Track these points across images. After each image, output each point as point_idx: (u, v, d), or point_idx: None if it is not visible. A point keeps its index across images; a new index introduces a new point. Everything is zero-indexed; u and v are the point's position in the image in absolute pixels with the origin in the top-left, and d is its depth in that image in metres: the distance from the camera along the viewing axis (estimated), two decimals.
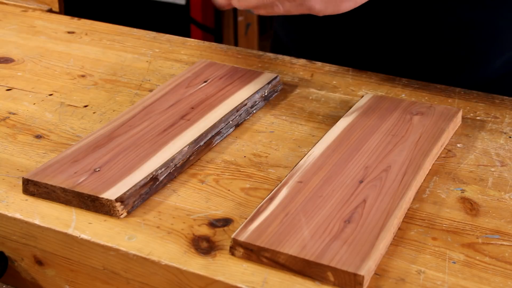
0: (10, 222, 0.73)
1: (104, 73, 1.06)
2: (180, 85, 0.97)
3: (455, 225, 0.73)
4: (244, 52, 1.13)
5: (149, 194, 0.77)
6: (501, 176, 0.81)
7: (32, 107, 0.95)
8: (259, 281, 0.65)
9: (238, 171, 0.82)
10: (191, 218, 0.73)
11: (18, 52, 1.12)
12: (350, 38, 1.11)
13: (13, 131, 0.89)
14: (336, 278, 0.64)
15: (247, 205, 0.76)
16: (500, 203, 0.77)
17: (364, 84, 1.03)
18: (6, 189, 0.77)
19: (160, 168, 0.78)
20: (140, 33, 1.21)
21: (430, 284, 0.65)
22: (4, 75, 1.04)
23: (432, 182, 0.80)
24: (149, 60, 1.10)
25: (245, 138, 0.89)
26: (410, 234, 0.72)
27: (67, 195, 0.74)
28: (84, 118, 0.93)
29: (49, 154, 0.84)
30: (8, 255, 0.75)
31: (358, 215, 0.70)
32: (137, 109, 0.90)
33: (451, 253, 0.69)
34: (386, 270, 0.67)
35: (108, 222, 0.72)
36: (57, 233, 0.71)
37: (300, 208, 0.72)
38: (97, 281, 0.72)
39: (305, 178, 0.77)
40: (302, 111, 0.95)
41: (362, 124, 0.88)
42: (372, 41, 1.11)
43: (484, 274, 0.67)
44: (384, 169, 0.78)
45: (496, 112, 0.96)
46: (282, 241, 0.67)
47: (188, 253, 0.68)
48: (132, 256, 0.68)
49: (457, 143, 0.88)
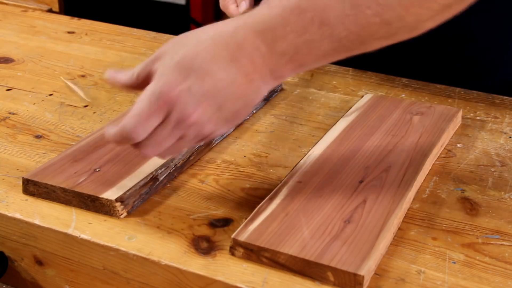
0: (10, 222, 0.73)
1: (104, 73, 1.06)
2: None
3: (455, 225, 0.73)
4: None
5: (149, 194, 0.77)
6: (501, 176, 0.81)
7: (32, 107, 0.95)
8: (259, 281, 0.65)
9: (238, 171, 0.82)
10: (191, 218, 0.73)
11: (18, 52, 1.12)
12: None
13: (13, 131, 0.89)
14: (336, 278, 0.64)
15: (247, 205, 0.76)
16: (500, 203, 0.77)
17: (364, 84, 1.03)
18: (6, 189, 0.77)
19: (160, 168, 0.78)
20: (140, 33, 1.21)
21: (430, 284, 0.65)
22: (4, 75, 1.04)
23: (432, 182, 0.80)
24: None
25: (245, 138, 0.89)
26: (410, 234, 0.72)
27: (67, 195, 0.74)
28: (84, 118, 0.93)
29: (49, 154, 0.84)
30: (8, 255, 0.75)
31: (358, 215, 0.70)
32: None
33: (451, 253, 0.69)
34: (386, 270, 0.67)
35: (108, 222, 0.72)
36: (57, 233, 0.71)
37: (300, 208, 0.72)
38: (97, 281, 0.72)
39: (305, 178, 0.76)
40: (302, 111, 0.95)
41: (362, 124, 0.88)
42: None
43: (484, 274, 0.66)
44: (384, 169, 0.78)
45: (496, 112, 0.96)
46: (282, 241, 0.67)
47: (188, 253, 0.68)
48: (132, 256, 0.68)
49: (457, 143, 0.88)
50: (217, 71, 0.67)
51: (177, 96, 0.66)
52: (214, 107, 0.68)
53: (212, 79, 0.67)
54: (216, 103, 0.68)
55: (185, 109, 0.67)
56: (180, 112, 0.67)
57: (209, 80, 0.67)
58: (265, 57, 0.68)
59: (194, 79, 0.67)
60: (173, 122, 0.67)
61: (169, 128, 0.68)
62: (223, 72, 0.67)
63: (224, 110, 0.68)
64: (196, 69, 0.67)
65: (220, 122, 0.69)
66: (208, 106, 0.67)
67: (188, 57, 0.68)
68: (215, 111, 0.68)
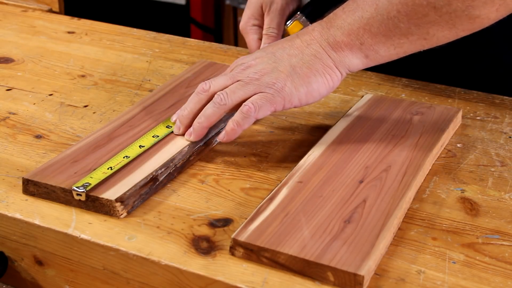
0: (10, 222, 0.73)
1: (104, 73, 1.06)
2: (180, 85, 0.97)
3: (455, 225, 0.73)
4: (244, 52, 1.13)
5: (149, 194, 0.77)
6: (501, 176, 0.81)
7: (32, 107, 0.95)
8: (259, 281, 0.65)
9: (238, 171, 0.82)
10: (191, 218, 0.73)
11: (18, 52, 1.12)
12: None
13: (13, 131, 0.89)
14: (336, 278, 0.64)
15: (247, 205, 0.76)
16: (500, 203, 0.77)
17: (364, 84, 1.03)
18: (6, 189, 0.77)
19: (160, 168, 0.78)
20: (140, 33, 1.21)
21: (430, 284, 0.65)
22: (4, 75, 1.04)
23: (432, 182, 0.80)
24: (149, 60, 1.10)
25: (245, 138, 0.89)
26: (410, 234, 0.72)
27: (67, 195, 0.74)
28: (84, 118, 0.93)
29: (49, 154, 0.84)
30: (8, 255, 0.75)
31: (358, 215, 0.70)
32: (137, 109, 0.90)
33: (451, 253, 0.69)
34: (386, 270, 0.67)
35: (108, 222, 0.72)
36: (57, 233, 0.71)
37: (300, 208, 0.72)
38: (97, 281, 0.72)
39: (305, 178, 0.76)
40: (302, 111, 0.95)
41: (362, 124, 0.88)
42: None
43: (484, 274, 0.66)
44: (384, 169, 0.78)
45: (496, 112, 0.96)
46: (282, 241, 0.67)
47: (188, 253, 0.68)
48: (132, 256, 0.68)
49: (457, 143, 0.88)
50: (281, 41, 0.84)
51: (242, 57, 0.84)
52: (270, 59, 0.81)
53: (275, 44, 0.84)
54: (273, 55, 0.82)
55: (244, 59, 0.83)
56: (240, 63, 0.83)
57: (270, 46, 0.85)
58: (322, 30, 0.81)
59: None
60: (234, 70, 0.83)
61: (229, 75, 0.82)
62: (286, 41, 0.83)
63: (281, 64, 0.81)
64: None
65: (280, 75, 0.80)
66: (265, 57, 0.82)
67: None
68: (271, 62, 0.81)
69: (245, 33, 1.00)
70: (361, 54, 0.81)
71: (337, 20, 0.81)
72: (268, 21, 0.98)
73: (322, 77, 0.81)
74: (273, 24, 0.97)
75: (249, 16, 1.00)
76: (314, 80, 0.80)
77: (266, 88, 0.80)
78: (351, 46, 0.80)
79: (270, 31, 0.97)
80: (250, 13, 1.00)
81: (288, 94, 0.80)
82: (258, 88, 0.80)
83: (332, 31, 0.81)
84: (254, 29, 1.00)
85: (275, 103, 0.80)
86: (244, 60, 0.84)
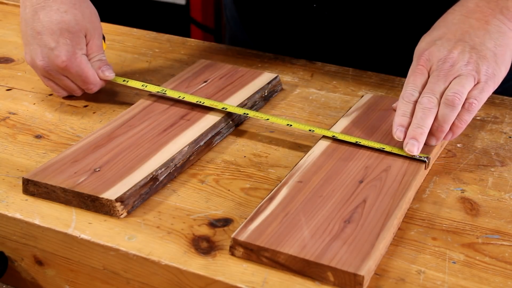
0: (10, 222, 0.73)
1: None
2: (180, 85, 0.97)
3: (455, 225, 0.73)
4: (244, 52, 1.13)
5: (149, 194, 0.77)
6: (501, 176, 0.81)
7: (32, 107, 0.95)
8: (259, 281, 0.65)
9: (238, 171, 0.82)
10: (191, 218, 0.73)
11: (18, 52, 1.12)
12: (350, 38, 1.11)
13: (13, 131, 0.89)
14: (336, 278, 0.64)
15: (247, 205, 0.76)
16: (500, 203, 0.77)
17: (364, 84, 1.03)
18: (6, 189, 0.77)
19: (160, 168, 0.78)
20: (140, 33, 1.21)
21: (430, 284, 0.65)
22: (4, 75, 1.04)
23: (432, 182, 0.80)
24: (149, 60, 1.10)
25: (245, 138, 0.89)
26: (410, 234, 0.72)
27: (67, 195, 0.74)
28: (84, 118, 0.93)
29: (49, 154, 0.84)
30: (8, 255, 0.75)
31: (358, 215, 0.70)
32: (137, 109, 0.90)
33: (451, 253, 0.69)
34: (386, 270, 0.67)
35: (108, 222, 0.72)
36: (57, 233, 0.71)
37: (300, 208, 0.72)
38: (97, 281, 0.72)
39: (305, 178, 0.77)
40: (302, 111, 0.95)
41: (362, 124, 0.88)
42: (372, 41, 1.11)
43: (484, 274, 0.67)
44: (384, 169, 0.78)
45: (496, 112, 0.96)
46: (282, 241, 0.67)
47: (188, 253, 0.68)
48: (132, 256, 0.68)
49: (457, 143, 0.88)
50: (449, 25, 0.85)
51: (429, 52, 0.83)
52: (466, 47, 0.81)
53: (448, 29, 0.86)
54: (464, 42, 0.82)
55: (440, 52, 0.82)
56: (437, 58, 0.82)
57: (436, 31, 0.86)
58: (489, 3, 0.84)
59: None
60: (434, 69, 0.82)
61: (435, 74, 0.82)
62: (460, 23, 0.84)
63: (481, 49, 0.82)
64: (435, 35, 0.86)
65: (487, 62, 0.81)
66: (459, 46, 0.82)
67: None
68: (468, 49, 0.81)
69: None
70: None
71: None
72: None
73: (511, 50, 0.84)
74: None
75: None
76: (508, 55, 0.84)
77: (484, 78, 0.81)
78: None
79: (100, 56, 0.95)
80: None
81: (498, 78, 0.82)
82: (477, 79, 0.81)
83: (501, 2, 0.84)
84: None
85: (490, 92, 0.82)
86: (440, 55, 0.82)
